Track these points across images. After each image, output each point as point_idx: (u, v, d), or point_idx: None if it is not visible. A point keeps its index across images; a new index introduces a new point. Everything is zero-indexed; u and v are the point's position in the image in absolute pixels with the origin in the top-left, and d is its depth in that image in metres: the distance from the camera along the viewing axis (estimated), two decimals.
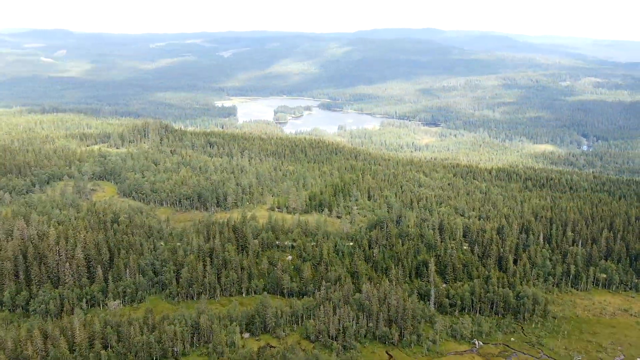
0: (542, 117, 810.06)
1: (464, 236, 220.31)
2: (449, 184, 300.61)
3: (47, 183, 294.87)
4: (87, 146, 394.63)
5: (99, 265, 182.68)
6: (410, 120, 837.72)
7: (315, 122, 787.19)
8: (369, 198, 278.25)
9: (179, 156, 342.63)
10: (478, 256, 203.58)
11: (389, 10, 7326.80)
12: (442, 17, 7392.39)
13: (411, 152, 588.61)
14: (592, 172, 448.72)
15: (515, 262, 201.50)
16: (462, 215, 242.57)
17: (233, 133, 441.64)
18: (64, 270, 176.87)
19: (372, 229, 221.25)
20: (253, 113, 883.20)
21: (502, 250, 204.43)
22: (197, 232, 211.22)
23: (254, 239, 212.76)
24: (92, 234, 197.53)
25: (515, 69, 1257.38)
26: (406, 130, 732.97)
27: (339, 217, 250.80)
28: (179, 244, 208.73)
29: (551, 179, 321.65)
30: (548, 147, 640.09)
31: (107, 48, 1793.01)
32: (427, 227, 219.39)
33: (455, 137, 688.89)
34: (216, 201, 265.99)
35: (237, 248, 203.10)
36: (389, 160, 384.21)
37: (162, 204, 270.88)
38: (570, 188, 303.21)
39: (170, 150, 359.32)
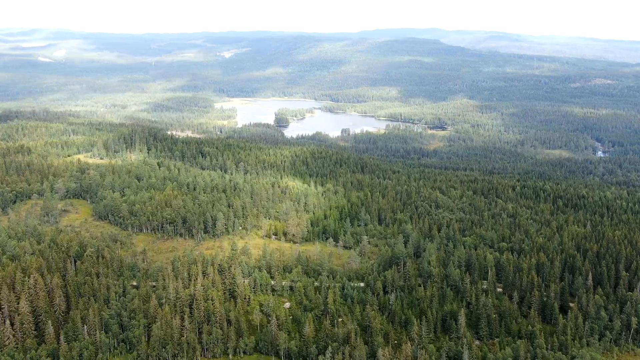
0: (554, 120, 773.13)
1: (497, 275, 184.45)
2: (470, 205, 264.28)
3: (14, 203, 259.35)
4: (68, 156, 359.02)
5: (50, 321, 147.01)
6: (415, 124, 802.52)
7: (317, 125, 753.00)
8: (380, 222, 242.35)
9: (166, 169, 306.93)
10: (517, 304, 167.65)
11: (392, 10, 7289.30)
12: (445, 17, 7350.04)
13: (418, 158, 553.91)
14: (616, 182, 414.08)
15: (562, 311, 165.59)
16: (491, 247, 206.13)
17: (228, 142, 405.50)
18: (3, 330, 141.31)
19: (387, 268, 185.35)
20: (253, 115, 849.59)
21: (545, 295, 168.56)
22: (176, 273, 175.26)
23: (245, 278, 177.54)
24: (47, 277, 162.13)
25: (523, 70, 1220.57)
26: (412, 134, 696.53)
27: (346, 248, 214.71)
28: (154, 284, 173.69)
29: (583, 197, 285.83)
30: (563, 153, 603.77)
31: (107, 48, 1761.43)
32: (453, 264, 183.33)
33: (464, 143, 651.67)
34: (204, 227, 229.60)
35: (224, 293, 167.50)
36: (399, 173, 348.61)
37: (141, 230, 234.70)
38: (608, 209, 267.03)
39: (157, 163, 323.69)
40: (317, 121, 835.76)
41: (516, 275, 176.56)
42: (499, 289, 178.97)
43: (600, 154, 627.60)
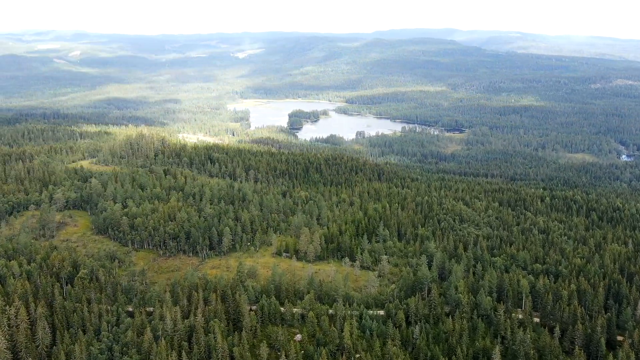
0: (575, 122, 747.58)
1: (533, 302, 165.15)
2: (497, 218, 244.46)
3: (10, 214, 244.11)
4: (72, 162, 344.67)
5: (31, 358, 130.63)
6: (432, 126, 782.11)
7: (331, 128, 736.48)
8: (400, 238, 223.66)
9: (172, 178, 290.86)
10: (558, 339, 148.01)
11: (406, 10, 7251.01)
12: (460, 17, 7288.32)
13: (436, 163, 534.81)
14: None
15: (609, 346, 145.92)
16: (523, 269, 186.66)
17: (238, 147, 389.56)
18: None
19: (410, 294, 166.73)
20: (266, 117, 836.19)
21: (590, 329, 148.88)
22: (175, 299, 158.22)
23: (252, 306, 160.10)
24: (32, 305, 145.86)
25: (540, 70, 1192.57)
26: (429, 136, 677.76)
27: (363, 268, 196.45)
28: (151, 309, 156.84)
29: (618, 209, 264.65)
30: (586, 157, 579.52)
31: (123, 49, 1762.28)
32: (483, 290, 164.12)
33: (483, 146, 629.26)
34: (209, 243, 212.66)
35: (227, 324, 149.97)
36: (418, 180, 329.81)
37: (142, 246, 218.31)
38: None
39: (164, 170, 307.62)
40: (331, 123, 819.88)
41: (556, 305, 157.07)
42: (536, 319, 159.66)
43: (624, 157, 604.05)
